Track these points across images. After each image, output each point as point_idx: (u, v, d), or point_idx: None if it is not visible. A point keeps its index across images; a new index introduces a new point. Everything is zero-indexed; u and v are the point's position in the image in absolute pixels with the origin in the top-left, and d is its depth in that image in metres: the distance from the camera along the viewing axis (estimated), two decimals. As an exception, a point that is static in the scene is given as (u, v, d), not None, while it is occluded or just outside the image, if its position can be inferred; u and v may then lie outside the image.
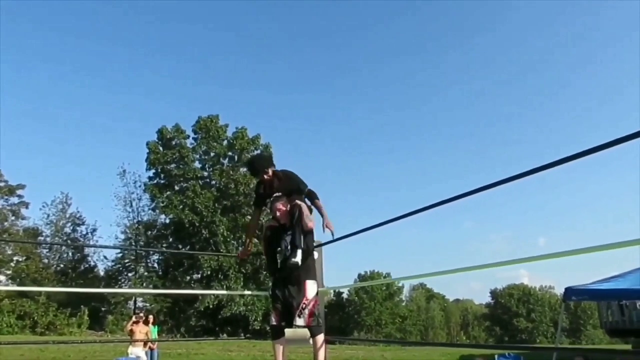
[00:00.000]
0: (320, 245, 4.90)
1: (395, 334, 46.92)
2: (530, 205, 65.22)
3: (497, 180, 2.84)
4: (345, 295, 49.33)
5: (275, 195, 4.20)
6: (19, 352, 13.88)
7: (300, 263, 3.88)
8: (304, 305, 3.91)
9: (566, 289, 8.08)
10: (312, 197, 4.17)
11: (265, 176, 4.19)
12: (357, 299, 47.48)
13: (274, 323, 3.95)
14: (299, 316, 3.86)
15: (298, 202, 4.03)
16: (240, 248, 30.29)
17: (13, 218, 34.79)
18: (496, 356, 9.29)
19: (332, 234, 4.08)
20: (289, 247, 3.98)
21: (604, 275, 8.36)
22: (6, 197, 34.22)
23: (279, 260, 4.15)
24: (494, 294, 57.03)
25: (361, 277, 46.08)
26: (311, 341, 4.61)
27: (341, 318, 46.24)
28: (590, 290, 8.10)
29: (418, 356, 18.63)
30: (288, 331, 5.01)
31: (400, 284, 49.71)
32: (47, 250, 35.20)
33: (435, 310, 58.24)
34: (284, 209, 4.04)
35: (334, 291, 49.86)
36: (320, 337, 4.00)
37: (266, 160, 4.38)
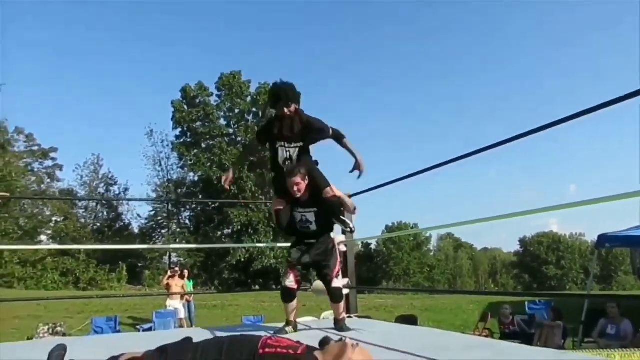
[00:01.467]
0: (350, 196, 4.93)
1: (423, 283, 47.53)
2: (562, 152, 63.57)
3: (529, 130, 2.76)
4: (373, 247, 49.91)
5: (287, 145, 3.70)
6: (64, 306, 14.64)
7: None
8: (338, 269, 3.82)
9: (599, 236, 7.97)
10: (339, 138, 3.70)
11: (287, 111, 3.52)
12: (385, 249, 47.96)
13: (293, 286, 3.67)
14: (337, 277, 3.78)
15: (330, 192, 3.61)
16: (269, 204, 30.79)
17: (49, 180, 35.96)
18: (526, 303, 9.38)
19: (359, 175, 3.74)
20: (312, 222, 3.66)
21: (636, 223, 8.20)
22: (41, 161, 35.23)
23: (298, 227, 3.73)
24: (522, 242, 56.71)
25: (389, 229, 46.31)
26: (344, 291, 4.72)
27: (369, 269, 46.95)
28: (623, 237, 7.98)
29: (447, 304, 18.89)
30: (319, 283, 5.13)
31: (427, 234, 49.97)
32: (84, 210, 36.45)
33: (463, 260, 58.56)
34: (303, 183, 3.55)
35: (362, 243, 50.60)
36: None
37: (294, 92, 3.59)
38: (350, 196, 4.86)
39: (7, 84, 39.22)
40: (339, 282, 3.78)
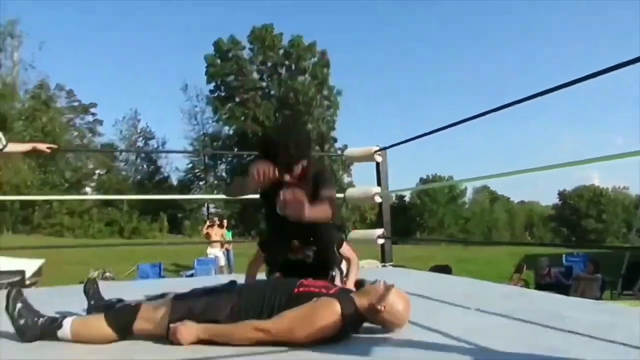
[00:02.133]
0: (384, 148, 4.93)
1: (457, 235, 47.39)
2: (608, 102, 60.72)
3: (574, 78, 2.64)
4: (407, 199, 49.80)
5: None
6: (110, 254, 15.41)
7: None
8: None
9: (645, 187, 7.71)
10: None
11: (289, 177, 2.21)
12: (419, 202, 47.82)
13: None
14: None
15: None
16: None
17: (90, 135, 37.10)
18: (564, 256, 9.27)
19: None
20: None
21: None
22: (82, 116, 36.28)
23: None
24: (561, 195, 55.41)
25: (423, 181, 45.95)
26: (379, 241, 4.82)
27: (403, 221, 47.08)
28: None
29: (482, 255, 18.91)
30: (357, 232, 5.24)
31: (463, 187, 49.40)
32: (124, 164, 37.61)
33: (499, 212, 57.84)
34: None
35: (396, 195, 50.59)
36: None
37: (303, 145, 2.24)
38: (384, 148, 4.85)
39: (47, 41, 39.97)
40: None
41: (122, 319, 1.85)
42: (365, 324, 1.98)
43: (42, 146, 3.50)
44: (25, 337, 1.83)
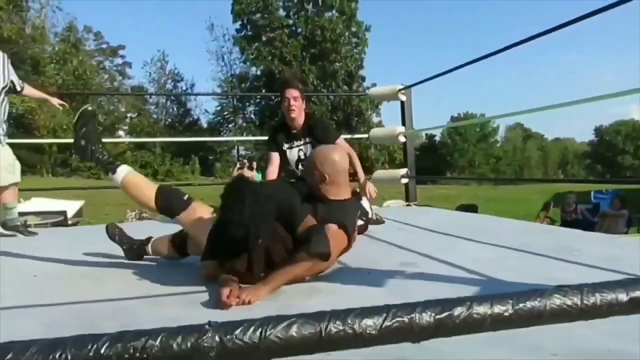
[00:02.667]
0: (409, 86, 4.89)
1: (488, 174, 46.83)
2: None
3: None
4: (437, 138, 49.13)
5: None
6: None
7: None
8: None
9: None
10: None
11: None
12: (449, 141, 47.10)
13: None
14: None
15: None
16: (331, 96, 30.67)
17: (120, 78, 37.46)
18: (592, 193, 9.16)
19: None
20: None
21: None
22: (111, 59, 36.48)
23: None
24: (598, 131, 53.55)
25: (454, 119, 45.02)
26: (402, 181, 4.89)
27: (433, 160, 46.70)
28: None
29: (511, 194, 18.84)
30: (380, 172, 5.31)
31: (495, 125, 48.19)
32: (155, 106, 38.06)
33: (532, 150, 56.63)
34: (301, 101, 3.18)
35: (426, 134, 49.94)
36: None
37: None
38: (409, 87, 4.81)
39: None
40: None
41: (172, 201, 2.03)
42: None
43: (55, 101, 3.65)
44: (84, 155, 2.06)
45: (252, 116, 36.59)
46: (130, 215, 9.78)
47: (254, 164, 12.98)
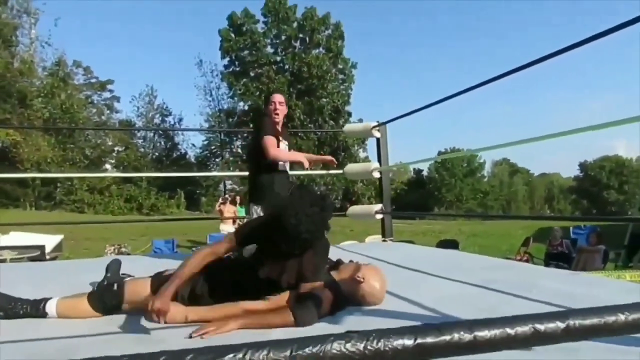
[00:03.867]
0: (383, 123, 4.97)
1: (475, 209, 47.10)
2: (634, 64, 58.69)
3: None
4: (425, 173, 49.58)
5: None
6: (129, 230, 15.83)
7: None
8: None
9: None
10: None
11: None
12: (437, 175, 47.52)
13: None
14: None
15: None
16: (318, 132, 30.96)
17: (108, 112, 37.54)
18: (571, 228, 9.25)
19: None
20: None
21: None
22: (99, 92, 36.64)
23: None
24: (582, 166, 54.36)
25: (441, 154, 45.52)
26: (377, 216, 4.89)
27: (421, 195, 46.98)
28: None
29: (496, 229, 18.89)
30: (355, 208, 5.32)
31: (482, 160, 48.86)
32: (143, 140, 38.06)
33: (518, 185, 57.25)
34: (285, 108, 3.56)
35: (414, 169, 50.35)
36: None
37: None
38: (383, 124, 4.87)
39: (61, 17, 40.17)
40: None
41: (107, 302, 1.94)
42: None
43: None
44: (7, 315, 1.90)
45: (239, 150, 36.72)
46: (109, 250, 9.66)
47: (237, 199, 13.04)
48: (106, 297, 1.95)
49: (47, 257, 8.72)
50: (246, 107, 35.00)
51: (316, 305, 1.85)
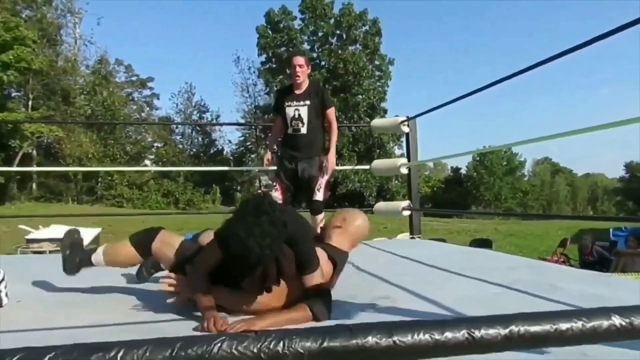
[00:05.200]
0: (412, 118, 4.85)
1: (515, 209, 45.88)
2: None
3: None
4: (463, 171, 48.63)
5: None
6: (165, 224, 16.16)
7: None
8: (323, 185, 3.89)
9: None
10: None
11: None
12: (475, 174, 46.50)
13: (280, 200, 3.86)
14: (318, 190, 3.88)
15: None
16: (353, 128, 30.81)
17: (148, 109, 38.50)
18: (611, 230, 8.86)
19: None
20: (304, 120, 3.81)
21: None
22: (139, 90, 37.61)
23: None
24: (629, 167, 52.22)
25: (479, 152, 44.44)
26: (404, 213, 4.80)
27: (459, 193, 46.09)
28: None
29: (534, 229, 18.35)
30: (382, 204, 5.24)
31: (522, 158, 47.52)
32: (181, 137, 38.87)
33: (560, 185, 55.47)
34: (306, 68, 3.84)
35: (451, 167, 49.47)
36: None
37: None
38: (406, 120, 4.77)
39: (104, 16, 41.40)
40: (320, 195, 3.89)
41: (143, 239, 2.09)
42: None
43: None
44: (66, 269, 2.17)
45: (275, 147, 36.95)
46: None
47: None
48: (144, 235, 2.12)
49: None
50: (282, 104, 35.18)
51: (326, 293, 1.84)
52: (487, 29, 60.22)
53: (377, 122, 4.90)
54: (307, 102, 3.76)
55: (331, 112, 3.92)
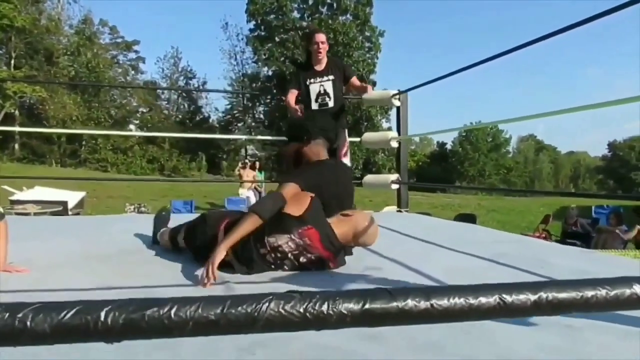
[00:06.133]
0: (404, 92, 4.84)
1: (498, 185, 46.49)
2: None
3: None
4: (449, 147, 48.92)
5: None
6: (150, 190, 16.10)
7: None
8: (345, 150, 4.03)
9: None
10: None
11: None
12: (460, 149, 46.84)
13: None
14: (345, 157, 4.02)
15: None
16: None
17: (133, 72, 37.73)
18: (593, 207, 9.08)
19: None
20: (331, 96, 3.90)
21: None
22: (124, 53, 36.77)
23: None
24: (611, 146, 52.97)
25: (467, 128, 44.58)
26: (393, 186, 4.84)
27: (444, 168, 46.50)
28: None
29: (516, 205, 18.63)
30: (371, 177, 5.25)
31: (507, 135, 47.90)
32: (167, 102, 38.32)
33: (544, 162, 56.19)
34: (327, 45, 3.94)
35: (437, 142, 49.70)
36: None
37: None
38: (398, 94, 4.76)
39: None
40: (347, 161, 4.10)
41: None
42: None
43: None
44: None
45: (262, 116, 36.67)
46: (129, 209, 9.85)
47: (257, 164, 13.12)
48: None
49: (70, 212, 8.96)
50: (270, 73, 34.74)
51: (272, 196, 2.04)
52: (478, 7, 59.62)
53: (368, 94, 4.86)
54: (331, 77, 3.87)
55: (356, 78, 4.12)
